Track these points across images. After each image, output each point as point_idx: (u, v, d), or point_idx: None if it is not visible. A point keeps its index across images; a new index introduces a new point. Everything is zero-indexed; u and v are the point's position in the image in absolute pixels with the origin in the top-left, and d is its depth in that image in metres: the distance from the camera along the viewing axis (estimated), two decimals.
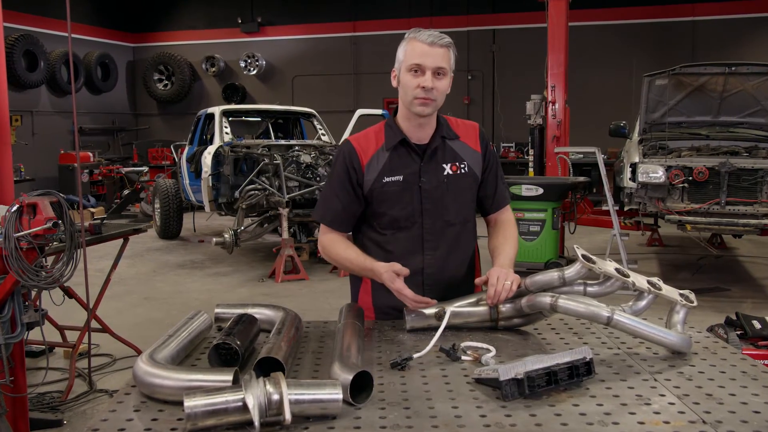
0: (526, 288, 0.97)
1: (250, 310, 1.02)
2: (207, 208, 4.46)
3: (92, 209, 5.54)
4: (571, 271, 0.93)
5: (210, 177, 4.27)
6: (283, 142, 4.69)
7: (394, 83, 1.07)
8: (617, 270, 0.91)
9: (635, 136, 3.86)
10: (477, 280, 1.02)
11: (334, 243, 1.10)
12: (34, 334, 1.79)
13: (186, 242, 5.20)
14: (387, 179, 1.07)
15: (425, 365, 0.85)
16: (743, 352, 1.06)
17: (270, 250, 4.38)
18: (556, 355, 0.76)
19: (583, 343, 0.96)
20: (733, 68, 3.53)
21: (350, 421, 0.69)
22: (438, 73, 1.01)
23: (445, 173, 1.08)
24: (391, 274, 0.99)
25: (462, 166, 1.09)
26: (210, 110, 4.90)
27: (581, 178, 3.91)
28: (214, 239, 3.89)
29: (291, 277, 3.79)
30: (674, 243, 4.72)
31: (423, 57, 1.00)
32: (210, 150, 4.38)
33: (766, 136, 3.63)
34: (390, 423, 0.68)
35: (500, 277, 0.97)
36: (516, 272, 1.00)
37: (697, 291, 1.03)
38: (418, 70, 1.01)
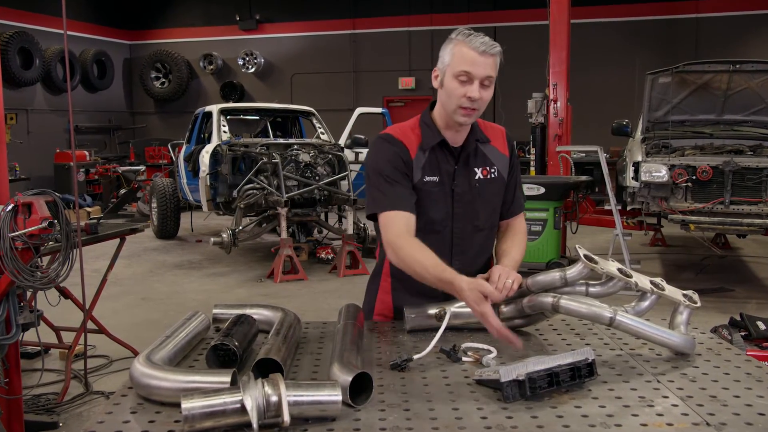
0: (528, 288, 0.96)
1: (248, 311, 1.01)
2: (205, 207, 4.43)
3: (88, 209, 5.51)
4: (573, 272, 0.93)
5: (208, 176, 4.25)
6: (281, 140, 4.65)
7: (435, 84, 1.01)
8: (620, 270, 0.90)
9: (638, 135, 3.82)
10: (478, 277, 0.99)
11: (411, 243, 0.96)
12: (30, 336, 1.76)
13: (183, 242, 5.17)
14: (428, 178, 1.03)
15: (425, 366, 0.85)
16: (748, 353, 1.06)
17: (268, 250, 4.36)
18: (557, 356, 0.76)
19: (585, 344, 0.95)
20: (737, 66, 3.48)
21: (350, 423, 0.68)
22: (485, 82, 0.97)
23: (477, 177, 1.06)
24: (477, 294, 0.87)
25: (492, 170, 1.07)
26: (208, 108, 4.86)
27: (583, 177, 3.88)
28: (212, 239, 3.87)
29: (290, 277, 3.77)
30: (677, 243, 4.68)
31: (473, 66, 0.96)
32: (208, 149, 4.35)
33: None
34: (390, 425, 0.68)
35: (501, 275, 0.95)
36: (518, 272, 1.00)
37: (700, 291, 1.03)
38: (466, 78, 0.96)
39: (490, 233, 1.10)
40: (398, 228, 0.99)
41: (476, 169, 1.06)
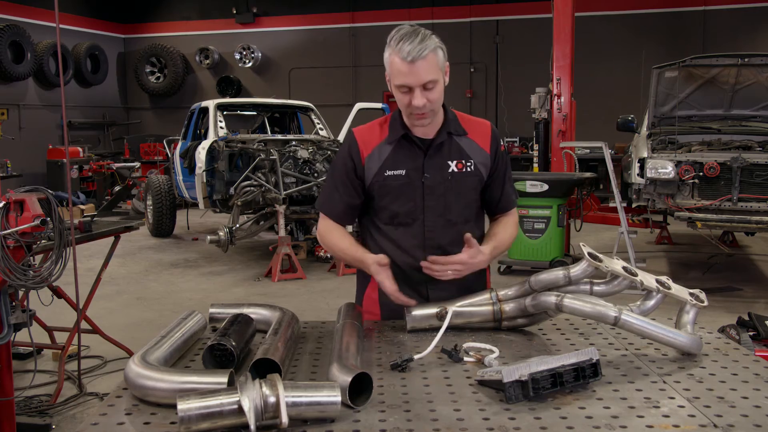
0: (531, 287, 0.95)
1: (245, 310, 0.99)
2: (201, 205, 4.39)
3: (82, 206, 5.44)
4: (577, 270, 0.92)
5: (204, 173, 4.21)
6: (279, 136, 4.61)
7: (389, 86, 1.03)
8: (625, 268, 0.90)
9: (644, 131, 3.76)
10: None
11: (330, 231, 1.10)
12: (22, 336, 1.75)
13: (179, 240, 5.13)
14: (389, 173, 1.05)
15: (426, 366, 0.84)
16: (756, 353, 1.03)
17: (266, 249, 4.34)
18: (561, 357, 0.74)
19: (589, 344, 0.94)
20: (745, 59, 3.41)
21: (349, 425, 0.67)
22: (428, 86, 0.97)
23: (450, 170, 1.06)
24: (376, 266, 1.00)
25: (468, 164, 1.07)
26: (204, 104, 4.81)
27: (587, 174, 3.83)
28: (209, 237, 3.83)
29: (288, 276, 3.75)
30: (684, 241, 4.63)
31: (407, 77, 0.96)
32: (204, 145, 4.31)
33: None
34: (390, 426, 0.67)
35: (470, 256, 0.97)
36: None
37: (707, 290, 1.02)
38: (406, 89, 0.98)
39: (465, 228, 1.08)
40: (327, 224, 1.11)
41: (450, 162, 1.05)
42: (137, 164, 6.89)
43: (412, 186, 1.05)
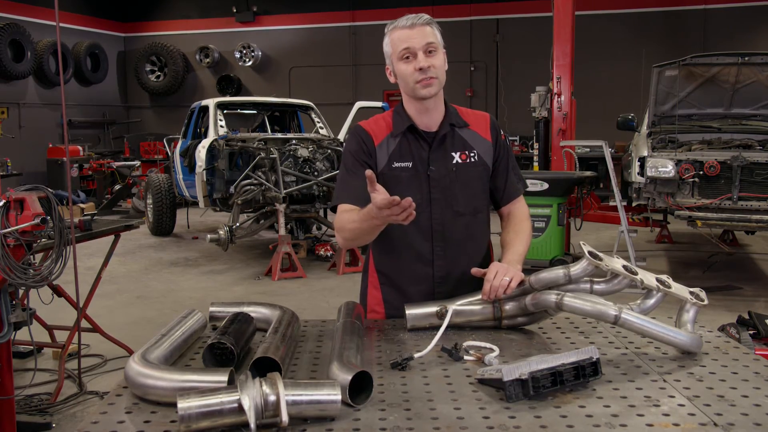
0: (531, 286, 0.95)
1: (245, 309, 0.99)
2: (201, 203, 4.39)
3: (82, 205, 5.44)
4: (577, 269, 0.91)
5: (204, 172, 4.21)
6: (279, 135, 4.61)
7: (391, 79, 1.06)
8: (625, 267, 0.89)
9: (644, 129, 3.76)
10: (474, 270, 0.99)
11: (346, 217, 1.00)
12: (22, 334, 1.76)
13: (179, 239, 5.14)
14: (397, 164, 1.05)
15: (426, 365, 0.84)
16: (756, 352, 1.03)
17: (266, 247, 4.35)
18: (561, 355, 0.75)
19: (589, 342, 0.94)
20: (746, 58, 3.41)
21: (349, 423, 0.67)
22: (429, 50, 1.00)
23: (454, 162, 1.06)
24: (380, 199, 0.85)
25: (471, 155, 1.07)
26: (204, 102, 4.81)
27: (588, 173, 3.83)
28: (209, 236, 3.83)
29: (288, 275, 3.75)
30: (684, 240, 4.64)
31: (409, 40, 1.00)
32: (204, 144, 4.30)
33: None
34: (390, 425, 0.67)
35: (499, 272, 0.94)
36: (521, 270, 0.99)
37: (707, 289, 1.02)
38: (409, 55, 1.00)
39: (475, 219, 1.08)
40: (345, 214, 1.01)
41: (453, 153, 1.06)
42: (137, 163, 6.90)
43: (419, 179, 1.05)
